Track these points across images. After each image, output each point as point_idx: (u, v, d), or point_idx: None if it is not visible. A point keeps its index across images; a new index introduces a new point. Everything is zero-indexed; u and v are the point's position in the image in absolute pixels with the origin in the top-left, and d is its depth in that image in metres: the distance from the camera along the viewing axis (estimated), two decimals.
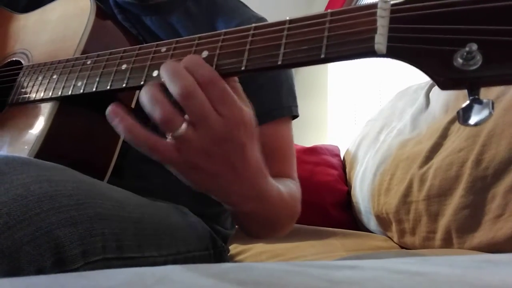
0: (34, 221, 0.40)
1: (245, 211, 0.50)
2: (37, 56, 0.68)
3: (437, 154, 0.92)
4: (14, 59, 0.72)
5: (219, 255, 0.74)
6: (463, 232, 0.80)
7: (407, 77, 1.54)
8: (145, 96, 0.41)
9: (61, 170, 0.48)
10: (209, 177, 0.43)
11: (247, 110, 0.42)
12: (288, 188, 0.64)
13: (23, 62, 0.69)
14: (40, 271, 0.40)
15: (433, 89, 1.11)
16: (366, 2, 0.42)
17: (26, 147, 0.55)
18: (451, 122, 0.94)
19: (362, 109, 2.15)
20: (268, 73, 0.71)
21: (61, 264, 0.42)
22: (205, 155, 0.41)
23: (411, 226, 0.94)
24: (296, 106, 0.74)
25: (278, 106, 0.72)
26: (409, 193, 0.95)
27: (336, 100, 2.54)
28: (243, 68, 0.41)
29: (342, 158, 1.57)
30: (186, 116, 0.40)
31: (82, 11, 0.65)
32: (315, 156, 1.48)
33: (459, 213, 0.80)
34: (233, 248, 0.96)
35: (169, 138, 0.41)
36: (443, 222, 0.84)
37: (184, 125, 0.40)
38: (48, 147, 0.56)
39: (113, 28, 0.68)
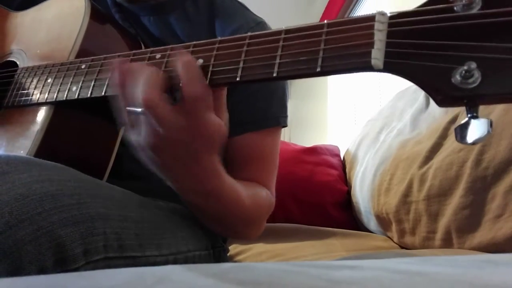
0: (35, 221, 0.40)
1: (189, 201, 0.56)
2: (32, 56, 0.68)
3: (437, 154, 0.92)
4: (9, 59, 0.71)
5: (218, 254, 0.74)
6: (463, 232, 0.80)
7: None
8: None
9: (62, 169, 0.48)
10: (161, 166, 0.49)
11: (214, 123, 0.45)
12: (253, 193, 0.65)
13: (18, 62, 0.69)
14: (41, 270, 0.40)
15: None
16: (364, 11, 0.41)
17: (22, 151, 0.55)
18: (451, 122, 0.94)
19: (362, 109, 2.15)
20: None
21: (63, 263, 0.42)
22: (159, 148, 0.46)
23: (411, 226, 0.94)
24: (285, 117, 0.73)
25: (265, 117, 0.71)
26: (409, 193, 0.95)
27: (336, 100, 2.54)
28: (238, 79, 0.41)
29: (342, 158, 1.57)
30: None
31: (77, 11, 0.64)
32: (315, 156, 1.48)
33: (459, 213, 0.80)
34: (233, 248, 0.96)
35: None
36: (443, 222, 0.84)
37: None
38: (44, 151, 0.56)
39: (109, 28, 0.68)
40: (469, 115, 0.32)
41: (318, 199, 1.35)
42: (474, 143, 0.32)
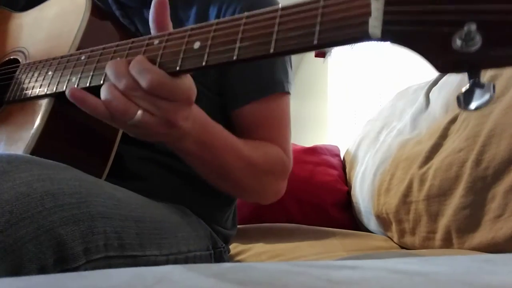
0: (36, 219, 0.40)
1: (181, 149, 0.56)
2: (34, 53, 0.68)
3: (437, 154, 0.92)
4: (12, 57, 0.72)
5: (219, 255, 0.74)
6: (463, 232, 0.80)
7: (407, 77, 1.54)
8: (102, 93, 0.47)
9: (63, 168, 0.48)
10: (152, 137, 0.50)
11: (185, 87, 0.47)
12: (258, 146, 0.66)
13: (20, 60, 0.69)
14: (42, 269, 0.40)
15: (433, 89, 1.11)
16: None
17: (21, 144, 0.56)
18: (451, 122, 0.93)
19: (362, 109, 2.15)
20: None
21: (63, 262, 0.42)
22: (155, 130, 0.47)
23: (411, 226, 0.94)
24: (289, 83, 0.74)
25: (270, 83, 0.71)
26: (409, 193, 0.95)
27: (336, 100, 2.54)
28: (235, 58, 0.41)
29: (342, 158, 1.56)
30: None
31: (78, 8, 0.65)
32: (315, 156, 1.48)
33: (459, 213, 0.80)
34: (233, 248, 0.96)
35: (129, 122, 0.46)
36: (443, 222, 0.84)
37: (139, 112, 0.45)
38: (44, 144, 0.56)
39: (109, 25, 0.68)
40: (471, 81, 0.31)
41: (318, 199, 1.35)
42: (477, 109, 0.31)
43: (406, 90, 1.32)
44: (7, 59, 0.72)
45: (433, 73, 0.85)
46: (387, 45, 0.35)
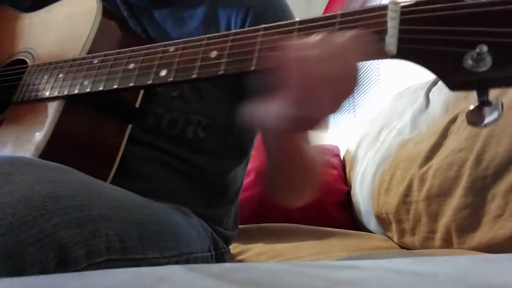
0: (38, 222, 0.40)
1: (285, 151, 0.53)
2: (42, 55, 0.68)
3: (437, 154, 0.92)
4: (19, 58, 0.72)
5: (220, 256, 0.74)
6: (463, 232, 0.80)
7: (407, 77, 1.54)
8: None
9: (65, 171, 0.48)
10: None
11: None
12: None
13: (28, 61, 0.69)
14: (44, 272, 0.40)
15: (433, 89, 1.11)
16: (375, 3, 0.42)
17: (31, 146, 0.55)
18: (451, 122, 0.93)
19: (362, 109, 2.15)
20: None
21: (65, 265, 0.42)
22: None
23: (411, 226, 0.94)
24: None
25: None
26: (409, 193, 0.95)
27: None
28: (253, 68, 0.42)
29: (342, 158, 1.56)
30: None
31: (88, 11, 0.65)
32: None
33: (459, 213, 0.80)
34: (233, 248, 0.96)
35: None
36: (443, 222, 0.84)
37: None
38: (54, 146, 0.56)
39: (119, 28, 0.69)
40: (480, 99, 0.32)
41: (318, 199, 1.35)
42: (486, 126, 0.32)
43: (406, 90, 1.32)
44: (14, 59, 0.72)
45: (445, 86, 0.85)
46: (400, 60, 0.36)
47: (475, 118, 0.32)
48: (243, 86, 0.69)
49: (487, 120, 0.32)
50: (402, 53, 0.35)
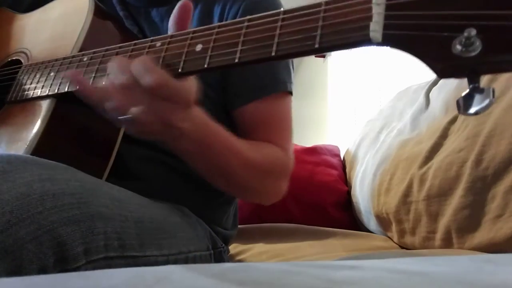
0: (36, 220, 0.40)
1: (180, 149, 0.56)
2: (36, 54, 0.68)
3: (437, 154, 0.92)
4: (14, 58, 0.72)
5: (219, 255, 0.74)
6: (463, 232, 0.80)
7: (407, 77, 1.54)
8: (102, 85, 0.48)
9: (63, 169, 0.48)
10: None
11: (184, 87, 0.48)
12: (259, 147, 0.66)
13: (22, 61, 0.69)
14: (42, 269, 0.40)
15: (433, 89, 1.11)
16: None
17: (23, 144, 0.56)
18: (451, 122, 0.93)
19: (362, 109, 2.15)
20: None
21: (63, 262, 0.42)
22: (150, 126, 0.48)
23: (411, 226, 0.94)
24: (291, 83, 0.74)
25: (273, 82, 0.71)
26: (409, 193, 0.95)
27: (336, 100, 2.54)
28: (236, 61, 0.42)
29: (342, 158, 1.56)
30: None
31: (81, 10, 0.65)
32: (315, 156, 1.48)
33: (459, 213, 0.80)
34: (233, 248, 0.96)
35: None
36: (443, 222, 0.84)
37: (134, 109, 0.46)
38: (45, 144, 0.56)
39: (112, 26, 0.69)
40: (471, 86, 0.31)
41: (318, 199, 1.35)
42: (477, 113, 0.31)
43: (406, 90, 1.32)
44: (9, 60, 0.73)
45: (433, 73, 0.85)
46: (387, 48, 0.35)
47: (466, 105, 0.31)
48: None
49: (478, 107, 0.30)
50: (388, 40, 0.34)
